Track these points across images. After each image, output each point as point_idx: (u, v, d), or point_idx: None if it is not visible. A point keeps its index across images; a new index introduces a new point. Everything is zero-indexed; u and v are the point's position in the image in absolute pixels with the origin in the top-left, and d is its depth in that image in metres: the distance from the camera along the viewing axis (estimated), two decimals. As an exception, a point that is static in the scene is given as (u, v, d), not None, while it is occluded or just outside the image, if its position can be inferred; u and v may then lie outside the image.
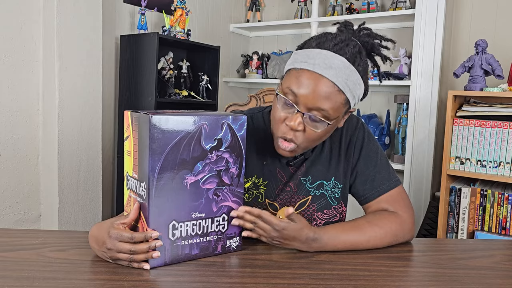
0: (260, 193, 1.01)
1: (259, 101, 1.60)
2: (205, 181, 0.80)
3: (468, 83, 2.07)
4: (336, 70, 0.84)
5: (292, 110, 0.87)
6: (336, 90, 0.84)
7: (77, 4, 2.03)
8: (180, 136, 0.76)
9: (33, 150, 2.07)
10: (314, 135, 0.89)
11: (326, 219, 1.03)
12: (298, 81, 0.85)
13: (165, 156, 0.75)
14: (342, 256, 0.87)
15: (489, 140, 2.01)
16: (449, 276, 0.80)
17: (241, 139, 0.84)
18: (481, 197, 2.02)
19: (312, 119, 0.86)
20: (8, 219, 2.00)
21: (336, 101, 0.85)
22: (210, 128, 0.79)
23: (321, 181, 1.02)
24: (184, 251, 0.80)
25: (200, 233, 0.81)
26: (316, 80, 0.84)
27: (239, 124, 0.83)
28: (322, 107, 0.84)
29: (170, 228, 0.77)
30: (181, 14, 2.52)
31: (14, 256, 0.81)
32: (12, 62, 1.97)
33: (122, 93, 2.46)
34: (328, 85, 0.84)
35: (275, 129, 0.92)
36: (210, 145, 0.80)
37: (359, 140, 1.03)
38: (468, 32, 2.49)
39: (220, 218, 0.83)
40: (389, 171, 1.02)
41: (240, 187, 0.86)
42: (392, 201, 0.99)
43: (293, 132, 0.88)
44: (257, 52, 3.19)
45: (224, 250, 0.85)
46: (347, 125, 1.03)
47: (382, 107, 2.83)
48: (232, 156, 0.83)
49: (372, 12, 2.68)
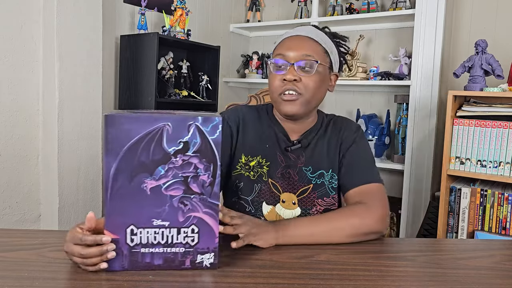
0: (263, 172, 1.09)
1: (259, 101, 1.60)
2: (169, 187, 0.74)
3: (468, 83, 2.07)
4: (308, 31, 1.08)
5: (284, 68, 1.03)
6: (313, 41, 1.06)
7: (77, 4, 2.03)
8: (138, 137, 0.71)
9: (33, 150, 2.07)
10: (310, 81, 1.03)
11: (325, 206, 1.09)
12: (283, 46, 1.06)
13: (121, 157, 0.72)
14: (342, 256, 0.87)
15: (489, 140, 2.01)
16: (449, 276, 0.80)
17: (214, 144, 0.74)
18: (481, 197, 2.02)
19: (302, 67, 1.03)
20: (8, 219, 2.00)
21: (317, 49, 1.05)
22: (173, 130, 0.72)
23: (322, 171, 1.09)
24: (145, 259, 0.75)
25: (164, 243, 0.75)
26: (296, 38, 1.07)
27: (212, 127, 0.73)
28: (306, 53, 1.03)
29: (128, 232, 0.74)
30: (181, 14, 2.52)
31: (14, 256, 0.81)
32: (12, 62, 1.97)
33: (122, 93, 2.46)
34: (306, 38, 1.06)
35: (275, 90, 1.05)
36: (174, 148, 0.73)
37: (352, 138, 1.11)
38: (468, 32, 2.49)
39: (189, 230, 0.75)
40: (372, 170, 1.08)
41: (214, 198, 0.75)
42: (367, 193, 1.02)
43: (292, 83, 1.02)
44: (257, 52, 3.19)
45: (194, 266, 0.76)
46: (347, 128, 1.13)
47: (382, 107, 2.83)
48: (202, 162, 0.74)
49: (372, 12, 2.68)
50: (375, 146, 2.63)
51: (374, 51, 2.86)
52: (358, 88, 2.88)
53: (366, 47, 2.86)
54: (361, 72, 2.68)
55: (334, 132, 1.12)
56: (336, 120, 1.15)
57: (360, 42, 2.71)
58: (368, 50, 2.87)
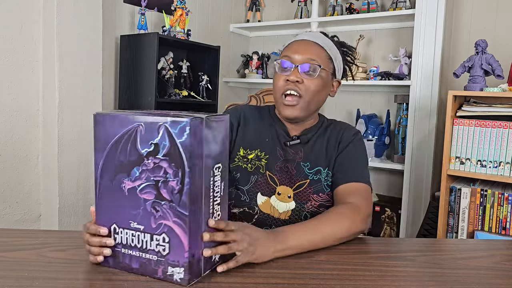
0: (261, 165, 1.12)
1: (259, 101, 1.60)
2: (142, 189, 0.72)
3: (468, 83, 2.07)
4: (316, 36, 1.13)
5: (289, 70, 1.08)
6: (319, 47, 1.10)
7: (77, 4, 2.03)
8: (117, 136, 0.72)
9: (33, 150, 2.07)
10: (312, 85, 1.08)
11: (320, 202, 1.10)
12: (290, 49, 1.12)
13: (106, 155, 0.74)
14: (342, 256, 0.87)
15: (489, 140, 2.01)
16: (449, 276, 0.80)
17: (182, 148, 0.68)
18: (481, 197, 2.02)
19: (306, 70, 1.07)
20: (8, 219, 2.00)
21: (321, 54, 1.10)
22: (146, 131, 0.70)
23: (319, 167, 1.12)
24: (125, 260, 0.75)
25: (140, 247, 0.73)
26: (303, 43, 1.12)
27: (179, 129, 0.68)
28: (311, 57, 1.08)
29: (112, 230, 0.76)
30: (181, 14, 2.52)
31: (14, 256, 0.81)
32: (12, 62, 1.97)
33: (122, 93, 2.46)
34: (313, 44, 1.11)
35: (278, 89, 1.09)
36: (146, 149, 0.71)
37: (350, 139, 1.14)
38: (468, 32, 2.49)
39: (161, 238, 0.71)
40: (363, 171, 1.10)
41: (183, 207, 0.69)
42: (354, 191, 1.05)
43: (294, 84, 1.07)
44: (257, 52, 3.19)
45: (166, 277, 0.72)
46: (347, 130, 1.17)
47: (382, 107, 2.83)
48: (171, 166, 0.69)
49: (372, 12, 2.68)
50: (375, 146, 2.63)
51: (374, 51, 2.86)
52: (358, 88, 2.87)
53: (366, 47, 2.86)
54: (361, 72, 2.68)
55: (334, 132, 1.16)
56: (337, 124, 1.20)
57: (360, 42, 2.71)
58: (368, 50, 2.87)
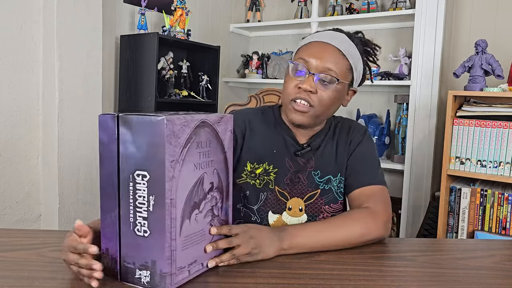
0: (270, 180, 1.05)
1: (259, 101, 1.60)
2: None
3: (468, 83, 2.07)
4: (339, 40, 1.00)
5: (304, 76, 0.98)
6: (340, 55, 0.99)
7: (77, 4, 2.03)
8: None
9: (33, 150, 2.07)
10: (325, 96, 0.99)
11: (332, 213, 1.07)
12: (308, 50, 1.00)
13: None
14: (342, 256, 0.87)
15: (489, 140, 2.01)
16: (449, 276, 0.80)
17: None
18: (481, 197, 2.02)
19: (322, 80, 0.98)
20: (8, 219, 2.00)
21: (342, 64, 0.99)
22: None
23: (329, 176, 1.07)
24: None
25: None
26: (323, 47, 0.99)
27: None
28: (329, 67, 0.97)
29: None
30: (181, 14, 2.52)
31: (14, 256, 0.81)
32: (12, 62, 1.97)
33: (122, 93, 2.46)
34: (334, 50, 0.99)
35: (288, 94, 1.00)
36: None
37: (360, 139, 1.10)
38: (468, 32, 2.49)
39: None
40: (376, 172, 1.06)
41: None
42: (371, 195, 1.00)
43: (307, 93, 0.97)
44: (257, 52, 3.19)
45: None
46: (355, 129, 1.11)
47: (382, 107, 2.83)
48: None
49: (372, 12, 2.68)
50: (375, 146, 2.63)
51: (374, 51, 2.85)
52: (358, 88, 2.87)
53: (366, 47, 2.86)
54: (361, 72, 2.68)
55: (342, 133, 1.10)
56: (344, 122, 1.14)
57: (360, 42, 2.71)
58: (368, 50, 2.86)
